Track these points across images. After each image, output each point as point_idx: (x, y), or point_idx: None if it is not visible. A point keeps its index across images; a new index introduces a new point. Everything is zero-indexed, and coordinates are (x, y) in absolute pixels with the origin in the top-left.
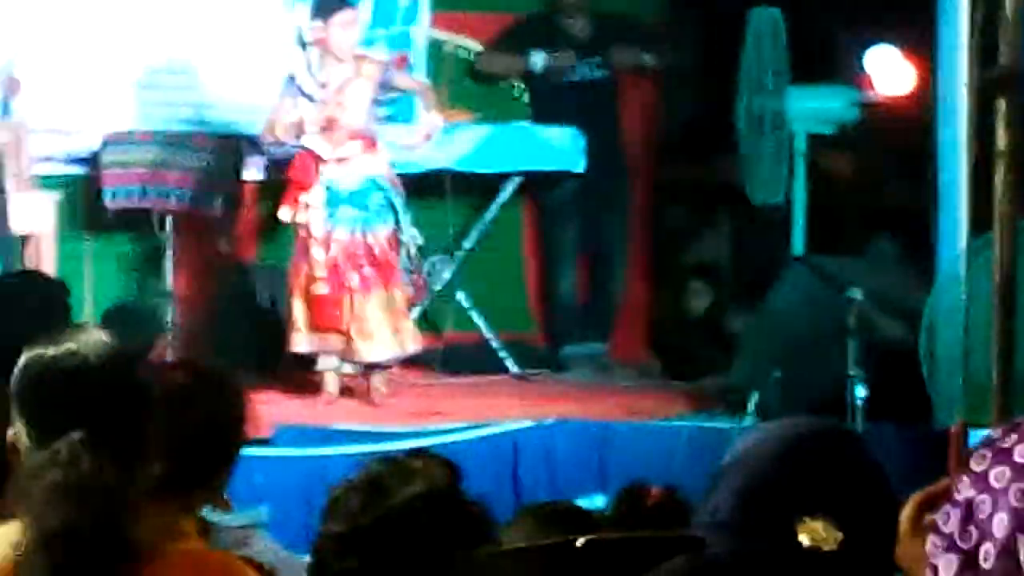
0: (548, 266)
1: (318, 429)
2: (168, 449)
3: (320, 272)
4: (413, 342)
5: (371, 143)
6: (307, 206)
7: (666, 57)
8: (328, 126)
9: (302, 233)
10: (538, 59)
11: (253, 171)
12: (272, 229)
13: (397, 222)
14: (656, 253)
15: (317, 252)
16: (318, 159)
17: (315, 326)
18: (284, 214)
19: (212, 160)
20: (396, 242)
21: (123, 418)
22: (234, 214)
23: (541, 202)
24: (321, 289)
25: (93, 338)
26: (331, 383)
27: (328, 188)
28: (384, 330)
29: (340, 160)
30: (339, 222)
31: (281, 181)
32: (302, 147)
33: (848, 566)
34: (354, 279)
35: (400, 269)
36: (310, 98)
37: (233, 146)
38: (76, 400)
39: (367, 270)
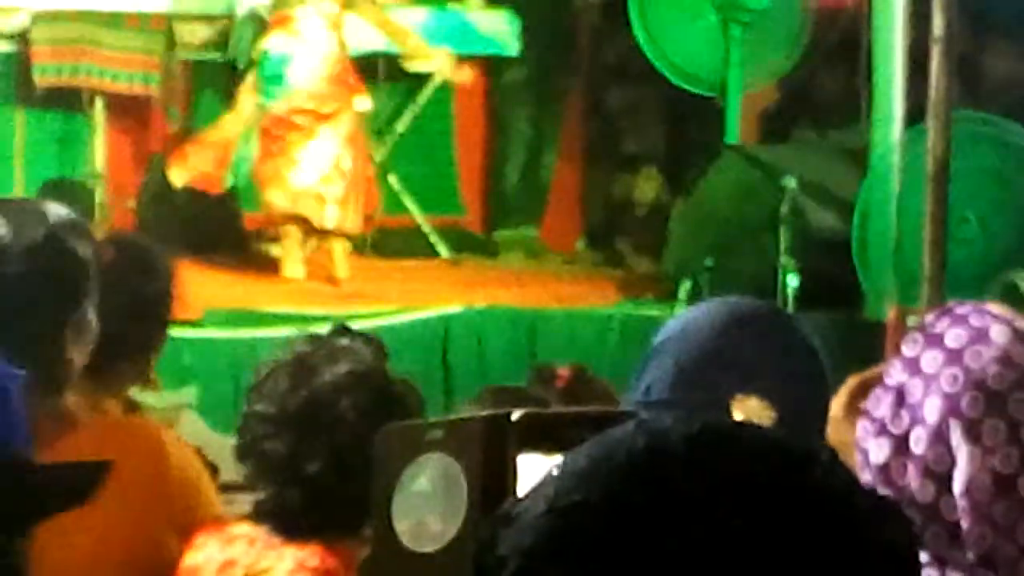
0: (481, 150)
1: (247, 312)
2: None
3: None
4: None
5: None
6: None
7: None
8: None
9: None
10: None
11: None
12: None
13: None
14: (589, 139)
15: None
16: None
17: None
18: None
19: (143, 40)
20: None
21: (51, 295)
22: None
23: (476, 86)
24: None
25: (29, 208)
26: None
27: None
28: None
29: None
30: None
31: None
32: None
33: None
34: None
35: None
36: None
37: (165, 25)
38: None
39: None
